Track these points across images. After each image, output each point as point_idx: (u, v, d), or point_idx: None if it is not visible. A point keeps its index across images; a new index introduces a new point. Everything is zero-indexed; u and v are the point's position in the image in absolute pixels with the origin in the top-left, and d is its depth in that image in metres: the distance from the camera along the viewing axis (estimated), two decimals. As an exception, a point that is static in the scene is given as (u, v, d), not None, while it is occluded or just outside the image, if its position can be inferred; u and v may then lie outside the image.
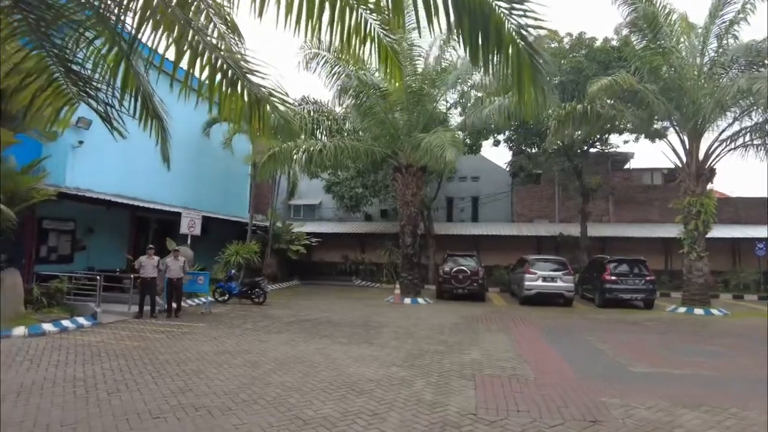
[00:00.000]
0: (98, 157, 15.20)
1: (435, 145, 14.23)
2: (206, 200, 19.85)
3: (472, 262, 18.55)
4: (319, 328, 11.61)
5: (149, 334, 10.24)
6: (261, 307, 15.19)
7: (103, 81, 6.07)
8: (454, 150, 13.90)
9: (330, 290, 21.83)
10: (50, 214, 14.55)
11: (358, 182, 23.52)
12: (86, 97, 6.14)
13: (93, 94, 6.10)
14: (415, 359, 8.56)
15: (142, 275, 12.52)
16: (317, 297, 18.88)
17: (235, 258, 18.20)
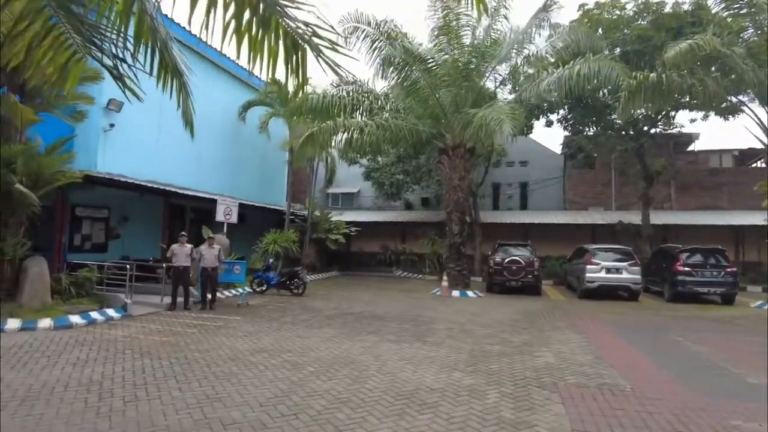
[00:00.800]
0: (131, 142, 14.54)
1: (491, 119, 12.76)
2: (242, 188, 19.05)
3: (526, 252, 17.05)
4: (364, 323, 10.49)
5: (180, 329, 9.38)
6: (300, 299, 14.25)
7: (111, 28, 5.00)
8: (512, 123, 12.43)
9: (370, 281, 20.76)
10: (83, 200, 14.01)
11: (398, 168, 22.24)
12: (93, 48, 5.09)
13: (100, 44, 5.06)
14: (480, 362, 7.31)
15: (175, 264, 11.74)
16: (358, 288, 17.83)
17: (273, 247, 17.35)
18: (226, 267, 12.91)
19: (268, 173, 22.22)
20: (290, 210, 20.30)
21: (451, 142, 16.38)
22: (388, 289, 17.72)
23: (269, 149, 21.84)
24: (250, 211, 19.08)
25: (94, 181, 11.45)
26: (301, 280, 14.94)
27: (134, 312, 10.60)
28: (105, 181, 11.66)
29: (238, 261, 13.63)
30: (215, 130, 18.60)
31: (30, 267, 9.35)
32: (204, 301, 11.98)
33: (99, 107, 13.52)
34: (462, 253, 16.85)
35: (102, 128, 13.61)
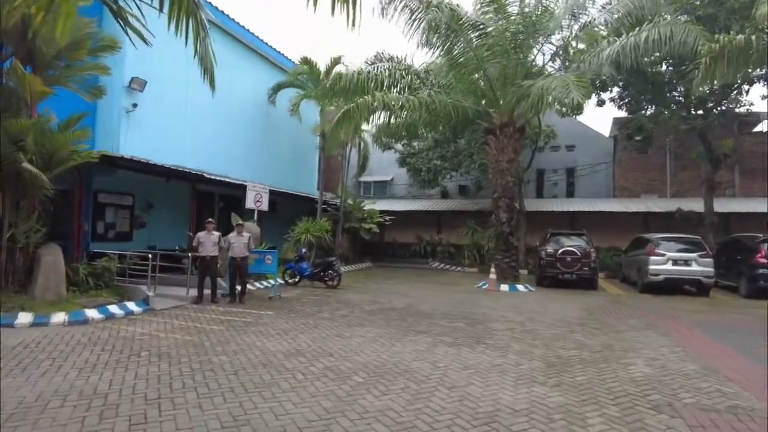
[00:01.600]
0: (155, 124, 13.66)
1: (555, 87, 11.21)
2: (272, 175, 18.01)
3: (581, 242, 15.49)
4: (410, 321, 9.27)
5: (206, 325, 8.35)
6: (335, 291, 13.14)
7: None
8: (581, 91, 10.88)
9: (407, 273, 19.53)
10: (106, 186, 13.20)
11: (435, 153, 20.82)
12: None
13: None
14: (561, 372, 5.99)
15: (201, 254, 10.77)
16: (395, 281, 16.63)
17: (306, 236, 16.30)
18: (257, 257, 11.89)
19: (299, 160, 21.19)
20: (322, 197, 19.20)
21: (499, 121, 14.91)
22: (427, 282, 16.45)
23: (300, 134, 20.79)
24: (280, 199, 18.08)
25: (112, 162, 10.51)
26: (336, 271, 13.84)
27: (157, 306, 9.67)
28: (124, 162, 10.70)
29: (270, 250, 12.59)
30: (244, 114, 17.63)
31: (43, 256, 8.47)
32: (233, 294, 11.00)
33: (121, 86, 12.69)
34: (511, 243, 15.42)
35: (124, 109, 12.73)
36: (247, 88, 17.69)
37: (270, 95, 18.32)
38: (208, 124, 15.75)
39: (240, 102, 17.32)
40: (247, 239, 11.11)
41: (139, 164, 10.96)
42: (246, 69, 17.69)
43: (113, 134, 12.53)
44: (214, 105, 16.08)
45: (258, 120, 18.46)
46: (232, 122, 16.98)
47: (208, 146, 15.60)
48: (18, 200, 8.36)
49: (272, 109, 18.91)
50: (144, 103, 13.21)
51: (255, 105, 18.25)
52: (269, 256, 11.89)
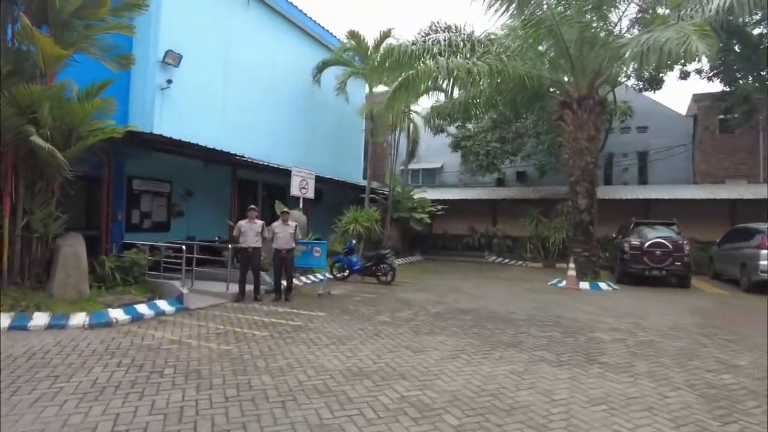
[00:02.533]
0: (192, 104, 12.47)
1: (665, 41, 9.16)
2: (316, 161, 16.58)
3: (671, 234, 13.35)
4: (490, 327, 7.62)
5: (247, 329, 6.99)
6: (390, 288, 11.62)
7: None
8: (705, 42, 8.79)
9: (463, 268, 17.80)
10: (141, 172, 12.16)
11: (494, 135, 18.89)
12: None
13: None
14: (734, 411, 4.23)
15: (242, 245, 9.47)
16: (453, 276, 14.97)
17: (354, 227, 14.87)
18: (304, 249, 10.52)
19: (344, 145, 19.75)
20: (370, 185, 17.72)
21: (576, 93, 12.92)
22: (490, 278, 14.69)
23: (345, 118, 19.37)
24: (325, 186, 16.72)
25: (141, 140, 9.28)
26: (390, 265, 12.31)
27: (192, 304, 8.42)
28: (153, 139, 9.43)
29: (318, 242, 11.18)
30: (287, 95, 16.30)
31: (62, 247, 7.33)
32: (278, 291, 9.66)
33: (154, 60, 11.54)
34: (591, 234, 13.44)
35: (158, 86, 11.58)
36: (291, 66, 16.35)
37: (315, 74, 16.92)
38: (248, 106, 14.50)
39: (283, 82, 16.00)
40: (294, 229, 9.73)
41: (169, 142, 9.68)
42: (289, 46, 16.35)
43: (146, 114, 11.39)
44: (255, 85, 14.86)
45: (302, 102, 17.11)
46: (275, 104, 15.70)
47: (249, 129, 14.34)
48: (34, 183, 7.24)
49: (317, 90, 17.52)
50: (180, 81, 12.04)
51: (298, 85, 16.90)
52: (318, 248, 10.48)
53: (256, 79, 14.83)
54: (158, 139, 9.28)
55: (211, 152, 10.94)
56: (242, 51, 14.16)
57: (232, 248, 9.78)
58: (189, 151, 10.72)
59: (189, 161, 12.62)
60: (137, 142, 9.19)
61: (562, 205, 18.79)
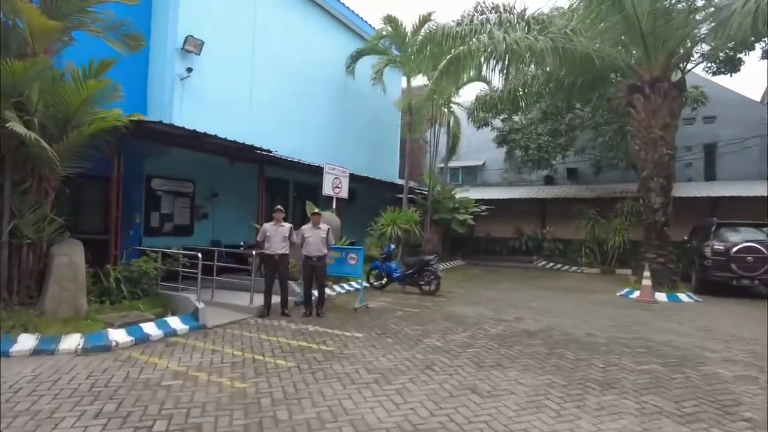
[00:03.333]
0: (214, 96, 11.41)
1: None
2: (350, 159, 15.16)
3: (763, 236, 11.42)
4: (570, 357, 6.09)
5: (269, 357, 5.70)
6: (435, 300, 10.18)
7: None
8: None
9: (512, 274, 16.18)
10: (160, 170, 11.16)
11: (546, 127, 17.13)
12: None
13: None
14: None
15: (267, 252, 8.24)
16: (504, 285, 13.39)
17: (392, 230, 13.50)
18: (338, 255, 9.20)
19: (379, 141, 18.43)
20: (408, 184, 16.31)
21: (648, 74, 11.17)
22: (547, 288, 13.03)
23: (380, 112, 18.06)
24: (359, 186, 15.44)
25: (152, 133, 8.12)
26: (434, 273, 10.87)
27: (210, 321, 7.22)
28: (164, 131, 8.23)
29: (354, 247, 9.83)
30: (318, 87, 15.09)
31: (56, 256, 6.24)
32: (308, 304, 8.38)
33: (173, 48, 10.50)
34: (667, 237, 11.63)
35: (177, 75, 10.53)
36: (323, 56, 15.14)
37: (348, 64, 15.67)
38: (277, 99, 13.36)
39: (314, 73, 14.80)
40: (326, 233, 8.43)
41: (183, 134, 8.48)
42: (321, 34, 15.15)
43: (164, 106, 10.37)
44: (284, 76, 13.71)
45: (334, 95, 15.89)
46: (305, 97, 14.50)
47: (278, 124, 13.19)
48: (23, 180, 6.18)
49: (350, 82, 16.26)
50: (201, 70, 10.98)
51: (331, 77, 15.68)
52: (353, 255, 9.13)
53: (286, 69, 13.67)
54: (169, 130, 8.11)
55: (233, 147, 9.75)
56: (270, 38, 13.02)
57: (255, 255, 8.56)
58: (209, 145, 9.57)
59: (213, 159, 11.53)
60: (147, 134, 8.07)
61: (621, 204, 16.92)
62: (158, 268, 7.59)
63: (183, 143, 9.32)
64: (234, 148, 10.15)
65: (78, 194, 11.72)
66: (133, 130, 7.19)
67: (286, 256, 8.39)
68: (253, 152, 10.39)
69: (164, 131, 8.12)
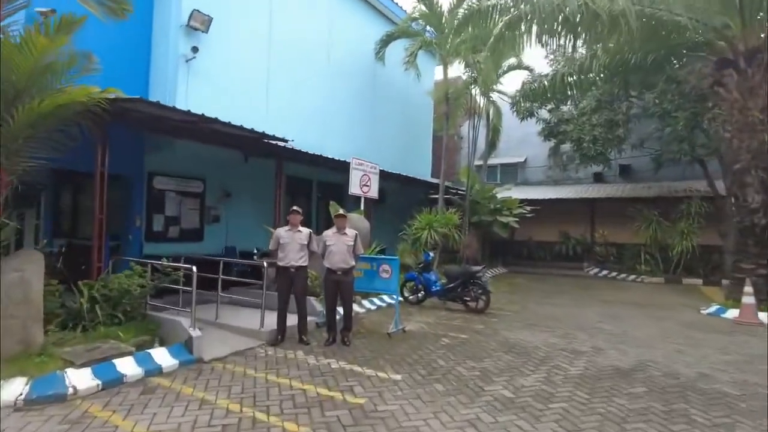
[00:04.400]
0: (225, 80, 9.96)
1: None
2: (378, 155, 13.43)
3: None
4: (695, 417, 4.29)
5: (276, 417, 4.10)
6: (485, 320, 8.43)
7: None
8: None
9: (563, 284, 14.25)
10: (164, 167, 9.76)
11: (601, 117, 15.03)
12: None
13: None
14: None
15: (281, 263, 6.67)
16: (560, 298, 11.52)
17: (428, 234, 11.79)
18: (367, 267, 7.54)
19: (410, 136, 16.75)
20: (444, 182, 14.58)
21: (743, 45, 9.18)
22: (611, 302, 11.10)
23: (411, 103, 16.45)
24: (389, 185, 13.81)
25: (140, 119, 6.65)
26: (483, 287, 9.10)
27: (207, 352, 5.69)
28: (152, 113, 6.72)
29: (387, 258, 8.13)
30: (343, 75, 13.53)
31: (4, 273, 4.79)
32: (331, 328, 6.76)
33: (176, 24, 9.08)
34: None
35: (182, 56, 9.11)
36: (349, 41, 13.58)
37: (378, 50, 14.06)
38: (297, 87, 11.86)
39: (339, 59, 13.24)
40: (353, 239, 6.80)
41: (178, 117, 6.97)
42: (348, 17, 13.58)
43: (168, 91, 8.95)
44: (306, 62, 12.20)
45: (362, 85, 14.31)
46: (329, 86, 12.96)
47: (298, 115, 11.67)
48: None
49: (379, 71, 14.66)
50: (210, 50, 9.55)
51: (358, 65, 14.11)
52: (387, 266, 7.45)
53: (308, 54, 12.16)
54: (157, 111, 6.58)
55: (243, 136, 8.24)
56: (290, 18, 11.54)
57: (266, 266, 6.99)
58: (215, 134, 8.08)
59: (225, 154, 10.11)
60: (136, 119, 6.60)
61: (687, 204, 14.79)
62: (145, 285, 6.07)
63: (182, 131, 7.85)
64: (245, 138, 8.66)
65: (78, 194, 10.51)
66: (118, 114, 5.72)
67: (304, 269, 6.80)
68: (267, 143, 8.88)
69: (153, 114, 6.63)
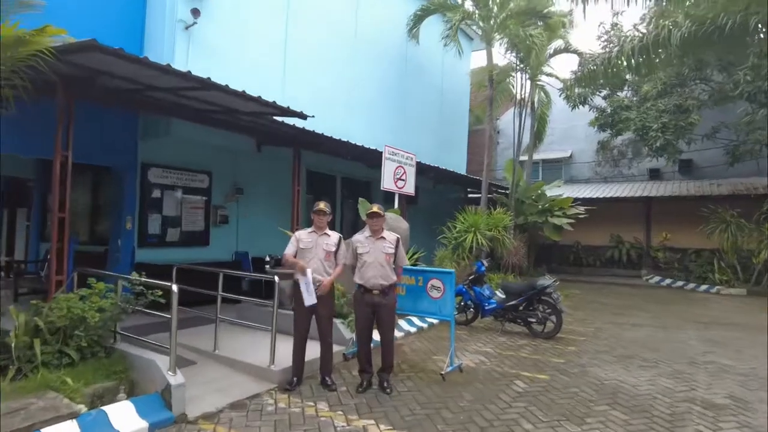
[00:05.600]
0: (233, 53, 8.32)
1: None
2: (408, 148, 11.64)
3: None
4: None
5: None
6: (560, 350, 6.55)
7: None
8: None
9: (628, 297, 12.23)
10: (163, 157, 8.19)
11: (670, 102, 12.82)
12: None
13: None
14: None
15: (300, 279, 4.91)
16: (639, 317, 9.55)
17: (473, 238, 9.94)
18: (411, 282, 5.73)
19: (446, 127, 14.96)
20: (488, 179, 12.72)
21: None
22: (705, 323, 9.06)
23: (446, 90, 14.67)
24: (422, 181, 12.02)
25: (108, 76, 4.98)
26: (553, 306, 7.20)
27: (192, 405, 4.01)
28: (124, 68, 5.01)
29: (437, 270, 6.15)
30: (372, 56, 11.83)
31: None
32: (365, 369, 4.95)
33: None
34: None
35: (180, 21, 7.49)
36: (379, 17, 11.85)
37: (411, 26, 12.30)
38: (319, 66, 10.20)
39: (368, 37, 11.54)
40: (394, 245, 4.97)
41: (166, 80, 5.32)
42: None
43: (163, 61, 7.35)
44: (329, 37, 10.55)
45: (391, 67, 12.57)
46: (356, 66, 11.27)
47: (319, 97, 9.96)
48: None
49: (411, 51, 12.92)
50: (214, 16, 7.94)
51: (388, 45, 12.37)
52: (437, 281, 5.59)
53: (332, 27, 10.49)
54: (131, 73, 4.94)
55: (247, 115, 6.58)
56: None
57: (278, 281, 5.26)
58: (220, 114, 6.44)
59: (235, 142, 8.49)
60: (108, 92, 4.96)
61: (773, 204, 12.62)
62: (107, 309, 4.39)
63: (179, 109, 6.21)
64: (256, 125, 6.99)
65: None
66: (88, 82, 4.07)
67: (330, 288, 5.05)
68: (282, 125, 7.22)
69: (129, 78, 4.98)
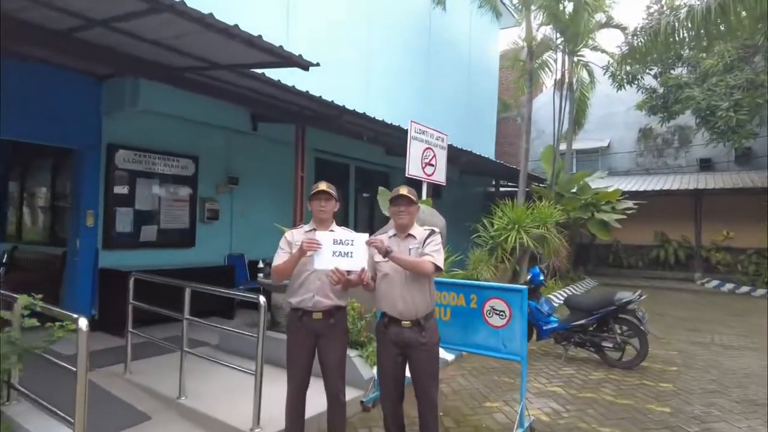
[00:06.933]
0: (228, 5, 6.71)
1: None
2: None
3: None
4: None
5: None
6: (652, 388, 4.83)
7: None
8: None
9: (692, 304, 10.47)
10: (135, 137, 6.61)
11: (740, 78, 10.86)
12: None
13: None
14: None
15: (294, 301, 3.22)
16: (727, 335, 7.79)
17: (515, 237, 8.19)
18: (459, 302, 3.98)
19: (471, 109, 13.25)
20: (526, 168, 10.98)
21: None
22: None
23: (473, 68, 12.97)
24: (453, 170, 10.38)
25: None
26: (636, 326, 5.46)
27: None
28: None
29: (497, 286, 4.09)
30: (393, 25, 10.20)
31: None
32: (394, 426, 3.25)
33: None
34: None
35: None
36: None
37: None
38: (331, 29, 8.57)
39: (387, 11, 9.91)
40: (435, 243, 3.18)
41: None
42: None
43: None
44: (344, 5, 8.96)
45: (414, 38, 10.91)
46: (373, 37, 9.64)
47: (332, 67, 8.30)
48: None
49: (436, 22, 11.23)
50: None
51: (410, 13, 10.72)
52: (499, 302, 3.68)
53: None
54: None
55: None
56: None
57: (262, 300, 3.61)
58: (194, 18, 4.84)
59: (226, 118, 6.91)
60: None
61: None
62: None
63: (118, 55, 4.61)
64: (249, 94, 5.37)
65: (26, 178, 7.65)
66: None
67: (342, 313, 3.34)
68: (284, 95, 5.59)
69: None
